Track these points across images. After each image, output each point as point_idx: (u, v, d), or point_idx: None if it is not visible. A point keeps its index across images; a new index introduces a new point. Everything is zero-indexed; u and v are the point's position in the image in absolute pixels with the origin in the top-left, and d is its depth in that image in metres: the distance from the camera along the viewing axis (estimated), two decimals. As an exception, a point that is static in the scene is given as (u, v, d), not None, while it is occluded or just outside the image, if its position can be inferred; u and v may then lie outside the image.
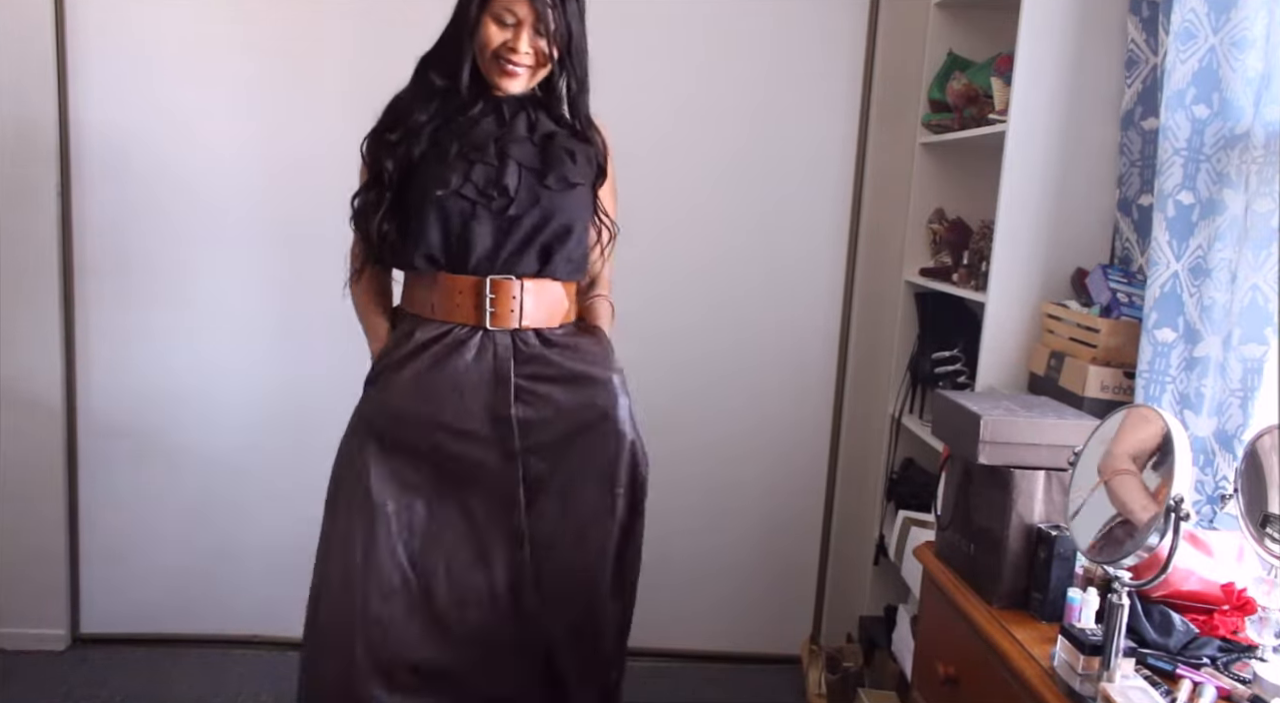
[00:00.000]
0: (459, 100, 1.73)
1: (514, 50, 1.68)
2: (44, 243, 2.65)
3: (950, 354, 2.50)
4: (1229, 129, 1.71)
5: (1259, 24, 1.67)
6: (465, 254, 1.71)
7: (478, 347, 1.74)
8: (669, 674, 2.81)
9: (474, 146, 1.70)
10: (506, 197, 1.70)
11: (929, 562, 1.80)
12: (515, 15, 1.67)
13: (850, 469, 2.88)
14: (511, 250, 1.72)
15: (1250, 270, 1.65)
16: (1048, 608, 1.50)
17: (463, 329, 1.74)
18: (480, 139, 1.71)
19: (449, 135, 1.72)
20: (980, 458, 1.57)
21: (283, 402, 2.78)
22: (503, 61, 1.70)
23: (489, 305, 1.72)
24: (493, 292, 1.72)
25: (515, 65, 1.70)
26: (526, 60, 1.70)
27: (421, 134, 1.72)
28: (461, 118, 1.73)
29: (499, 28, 1.68)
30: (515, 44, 1.68)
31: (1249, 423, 1.66)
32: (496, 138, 1.72)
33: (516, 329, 1.75)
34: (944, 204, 2.64)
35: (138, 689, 2.61)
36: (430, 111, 1.73)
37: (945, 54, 2.58)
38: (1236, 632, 1.42)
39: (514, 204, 1.70)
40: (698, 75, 2.68)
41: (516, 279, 1.73)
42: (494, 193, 1.69)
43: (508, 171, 1.70)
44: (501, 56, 1.70)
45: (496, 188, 1.69)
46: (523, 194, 1.70)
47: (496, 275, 1.72)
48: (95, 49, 2.61)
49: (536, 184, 1.71)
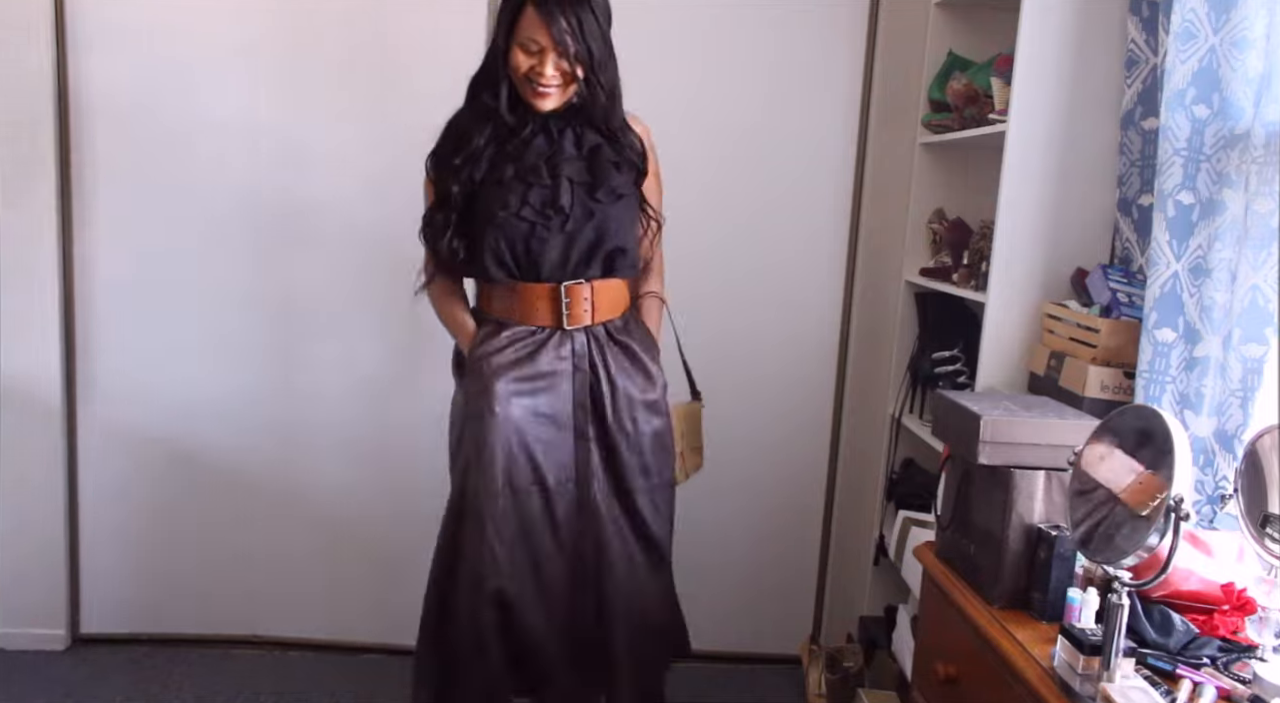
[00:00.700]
0: (509, 122, 1.87)
1: (541, 74, 1.81)
2: (44, 243, 2.65)
3: (950, 354, 2.50)
4: (1229, 129, 1.71)
5: (1259, 24, 1.67)
6: (536, 267, 1.89)
7: (557, 343, 1.92)
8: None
9: (529, 169, 1.86)
10: (563, 214, 1.86)
11: (929, 562, 1.80)
12: (538, 43, 1.80)
13: (850, 469, 2.88)
14: (577, 260, 1.90)
15: (1250, 270, 1.65)
16: (1048, 608, 1.50)
17: (543, 331, 1.92)
18: (533, 160, 1.86)
19: (504, 158, 1.87)
20: (980, 458, 1.57)
21: (283, 402, 2.78)
22: (534, 84, 1.83)
23: (564, 308, 1.91)
24: (567, 296, 1.90)
25: (544, 87, 1.82)
26: (554, 82, 1.82)
27: (481, 158, 1.87)
28: (515, 140, 1.88)
29: (526, 55, 1.82)
30: (541, 69, 1.81)
31: (1249, 423, 1.66)
32: (548, 157, 1.87)
33: (589, 325, 1.93)
34: (944, 204, 2.64)
35: (138, 689, 2.61)
36: (486, 134, 1.87)
37: (945, 54, 2.58)
38: (1236, 632, 1.42)
39: (570, 220, 1.87)
40: (697, 75, 2.68)
41: (586, 283, 1.91)
42: (550, 212, 1.86)
43: (561, 190, 1.86)
44: (532, 80, 1.83)
45: (553, 207, 1.86)
46: (577, 210, 1.87)
47: (569, 281, 1.90)
48: (95, 49, 2.61)
49: (588, 199, 1.87)
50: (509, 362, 1.89)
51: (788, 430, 2.85)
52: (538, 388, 1.90)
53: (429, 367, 2.64)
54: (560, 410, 1.92)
